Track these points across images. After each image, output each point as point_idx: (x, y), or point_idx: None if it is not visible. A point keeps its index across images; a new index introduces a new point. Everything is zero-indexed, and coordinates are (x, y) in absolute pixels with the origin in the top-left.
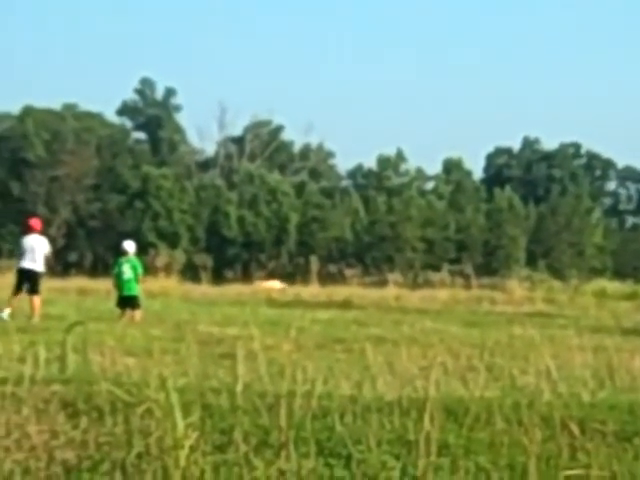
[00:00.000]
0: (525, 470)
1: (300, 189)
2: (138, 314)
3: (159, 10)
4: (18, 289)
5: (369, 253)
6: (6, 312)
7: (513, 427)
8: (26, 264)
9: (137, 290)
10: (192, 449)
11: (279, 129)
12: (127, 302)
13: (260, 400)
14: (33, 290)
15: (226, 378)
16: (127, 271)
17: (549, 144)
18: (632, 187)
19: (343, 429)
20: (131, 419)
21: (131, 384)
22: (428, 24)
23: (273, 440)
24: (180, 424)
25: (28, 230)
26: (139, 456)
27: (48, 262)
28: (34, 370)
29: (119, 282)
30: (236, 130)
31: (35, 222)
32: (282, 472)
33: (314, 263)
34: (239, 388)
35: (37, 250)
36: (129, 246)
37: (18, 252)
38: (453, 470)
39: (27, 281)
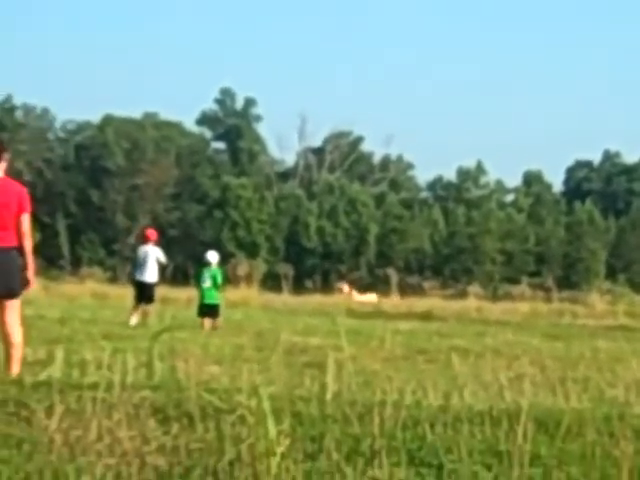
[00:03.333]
0: None
1: (380, 200)
2: (218, 322)
3: (239, 20)
4: (138, 300)
5: (448, 265)
6: (133, 319)
7: (604, 439)
8: (140, 276)
9: (218, 299)
10: (284, 456)
11: (359, 140)
12: (208, 311)
13: (350, 409)
14: (149, 300)
15: (313, 387)
16: (207, 280)
17: (630, 157)
18: None
19: (434, 439)
20: (222, 426)
21: (222, 390)
22: (510, 36)
23: (364, 449)
24: (272, 431)
25: (144, 240)
26: (231, 463)
27: (162, 271)
28: (122, 376)
29: (200, 291)
30: (316, 141)
31: (151, 232)
32: None
33: (392, 275)
34: (329, 396)
35: (150, 260)
36: (212, 257)
37: (133, 262)
38: None
39: (143, 292)
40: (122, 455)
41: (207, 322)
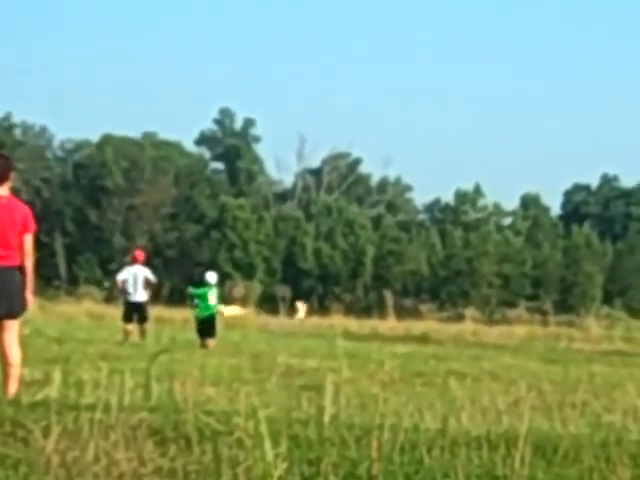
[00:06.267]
0: None
1: (377, 222)
2: (212, 342)
3: (239, 41)
4: (128, 319)
5: (445, 288)
6: (130, 338)
7: (602, 464)
8: (131, 297)
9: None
10: (281, 479)
11: (357, 162)
12: (208, 327)
13: (347, 432)
14: (142, 319)
15: (310, 410)
16: (214, 299)
17: (627, 181)
18: None
19: (431, 463)
20: (219, 448)
21: (219, 413)
22: (507, 63)
23: (361, 472)
24: (269, 454)
25: (133, 261)
26: None
27: (153, 290)
28: (120, 397)
29: (204, 309)
30: (314, 162)
31: (139, 254)
32: None
33: (388, 297)
34: (326, 419)
35: (140, 281)
36: (212, 277)
37: (125, 283)
38: None
39: (135, 312)
40: (119, 477)
41: (209, 341)
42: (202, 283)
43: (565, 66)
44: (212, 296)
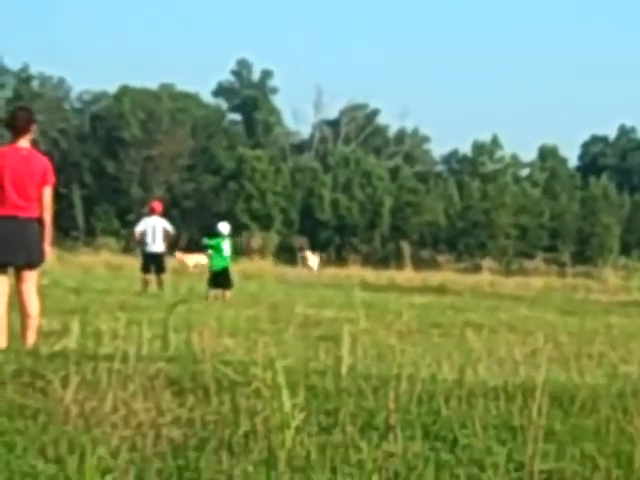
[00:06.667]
0: (631, 458)
1: (395, 173)
2: (229, 293)
3: None
4: (146, 270)
5: (462, 239)
6: (149, 289)
7: (618, 415)
8: (149, 248)
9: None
10: (298, 430)
11: (375, 113)
12: (222, 280)
13: (365, 382)
14: (160, 270)
15: (327, 360)
16: (228, 250)
17: None
18: None
19: (448, 413)
20: (237, 398)
21: (237, 363)
22: (525, 14)
23: (379, 422)
24: (287, 404)
25: (150, 212)
26: (246, 435)
27: (171, 241)
28: (138, 348)
29: (219, 260)
30: (332, 113)
31: (157, 205)
32: (389, 454)
33: (406, 248)
34: (344, 370)
35: (158, 232)
36: (225, 228)
37: (143, 234)
38: (559, 457)
39: (153, 263)
40: (137, 427)
41: (225, 292)
42: (215, 234)
43: (582, 19)
44: (226, 247)
